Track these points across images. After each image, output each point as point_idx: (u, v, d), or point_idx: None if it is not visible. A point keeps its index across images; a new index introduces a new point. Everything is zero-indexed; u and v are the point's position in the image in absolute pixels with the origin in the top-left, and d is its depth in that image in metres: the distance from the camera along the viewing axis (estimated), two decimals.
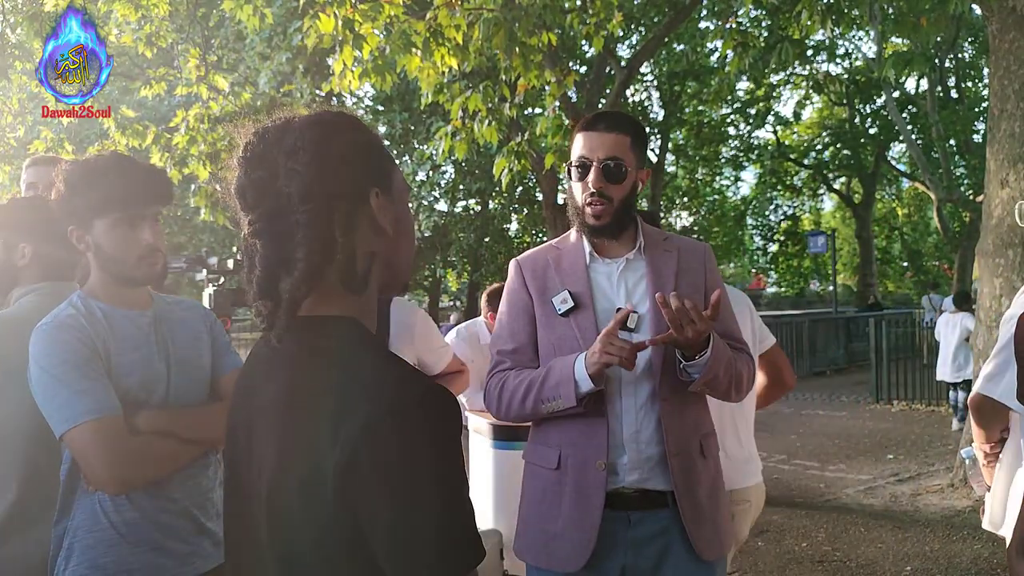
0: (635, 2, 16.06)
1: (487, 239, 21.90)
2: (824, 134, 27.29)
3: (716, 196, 30.58)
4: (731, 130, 26.49)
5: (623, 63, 15.22)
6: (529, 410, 1.76)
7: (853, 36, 21.71)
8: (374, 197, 0.96)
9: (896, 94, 20.54)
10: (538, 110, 7.07)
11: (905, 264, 32.36)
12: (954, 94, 20.71)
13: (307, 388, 0.89)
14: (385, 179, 0.99)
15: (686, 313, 1.58)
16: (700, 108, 23.63)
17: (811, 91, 24.92)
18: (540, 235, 21.14)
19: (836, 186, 28.36)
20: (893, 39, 17.72)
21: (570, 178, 1.82)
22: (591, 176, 1.76)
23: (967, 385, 7.69)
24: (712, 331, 1.65)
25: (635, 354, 1.63)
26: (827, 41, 21.07)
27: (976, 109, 19.92)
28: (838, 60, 23.99)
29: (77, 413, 1.40)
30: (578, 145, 1.80)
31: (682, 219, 30.38)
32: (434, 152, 5.78)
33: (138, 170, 1.55)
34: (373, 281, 0.98)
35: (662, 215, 25.43)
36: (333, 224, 0.92)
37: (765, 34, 13.35)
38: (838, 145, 26.49)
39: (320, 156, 0.91)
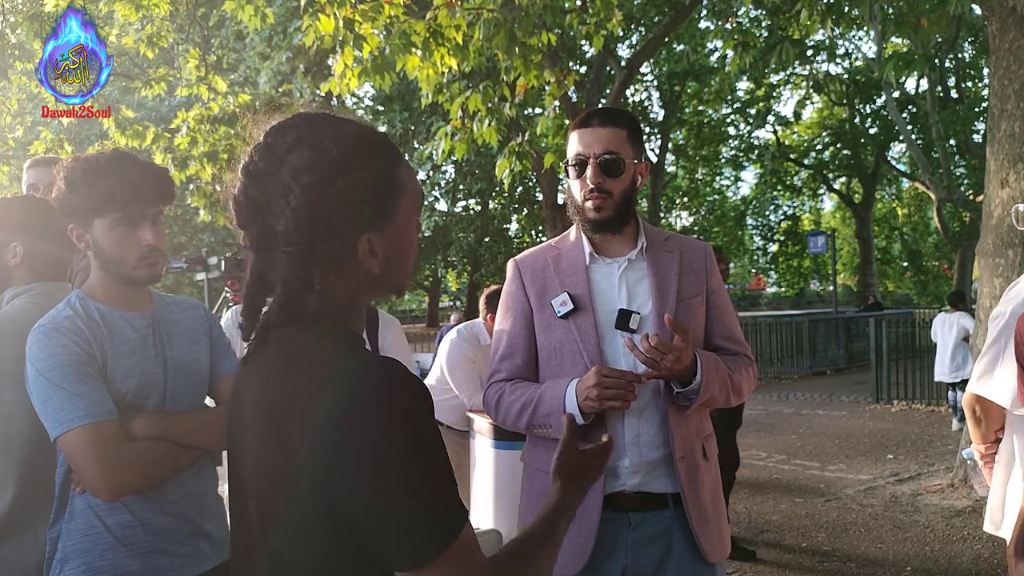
0: (635, 2, 16.08)
1: (487, 239, 21.92)
2: (824, 134, 27.30)
3: (716, 196, 30.63)
4: (731, 130, 26.53)
5: (623, 63, 15.24)
6: (523, 430, 1.80)
7: (853, 36, 21.74)
8: (364, 243, 0.92)
9: (896, 94, 20.55)
10: (538, 110, 7.06)
11: (905, 264, 32.38)
12: (954, 94, 20.72)
13: (286, 385, 0.89)
14: (383, 217, 0.94)
15: (654, 351, 1.59)
16: (700, 108, 23.68)
17: (811, 91, 24.93)
18: (540, 235, 21.14)
19: (836, 186, 28.37)
20: (893, 39, 17.73)
21: (568, 176, 1.81)
22: (589, 172, 1.74)
23: (965, 385, 7.66)
24: (695, 352, 1.65)
25: (633, 386, 1.62)
26: (827, 41, 21.07)
27: (976, 109, 19.91)
28: (838, 60, 24.02)
29: (72, 417, 1.37)
30: (574, 142, 1.79)
31: (682, 219, 30.44)
32: (434, 152, 5.78)
33: (139, 169, 1.52)
34: (358, 307, 0.98)
35: (662, 215, 25.43)
36: (313, 268, 0.90)
37: (765, 34, 13.35)
38: (838, 145, 26.50)
39: (311, 201, 0.88)
